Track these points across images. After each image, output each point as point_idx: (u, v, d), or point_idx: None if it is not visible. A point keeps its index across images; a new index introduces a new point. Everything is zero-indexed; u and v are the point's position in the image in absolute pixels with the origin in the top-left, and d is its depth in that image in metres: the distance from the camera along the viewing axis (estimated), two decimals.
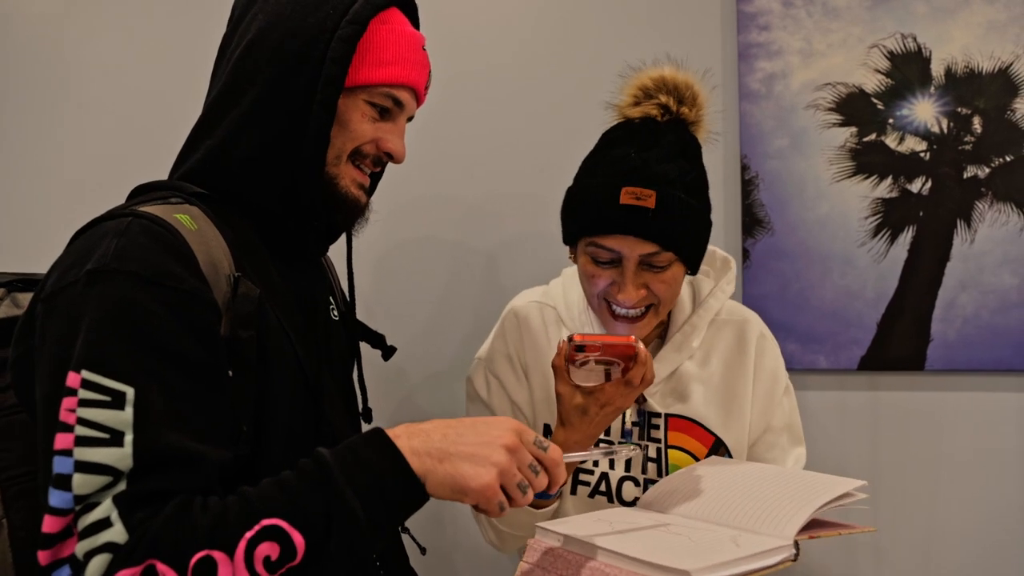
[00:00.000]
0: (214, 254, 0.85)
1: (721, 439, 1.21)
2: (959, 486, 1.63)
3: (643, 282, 1.12)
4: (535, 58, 1.71)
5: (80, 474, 0.72)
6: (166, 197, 0.90)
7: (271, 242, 0.96)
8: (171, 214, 0.85)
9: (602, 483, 1.21)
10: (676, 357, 1.23)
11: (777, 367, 1.28)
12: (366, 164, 0.99)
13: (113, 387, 0.74)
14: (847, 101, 1.65)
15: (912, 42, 1.64)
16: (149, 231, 0.81)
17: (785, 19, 1.66)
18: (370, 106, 0.96)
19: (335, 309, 1.09)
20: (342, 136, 0.95)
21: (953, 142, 1.62)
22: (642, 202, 1.08)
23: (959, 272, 1.62)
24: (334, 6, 0.93)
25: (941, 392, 1.64)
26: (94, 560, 0.71)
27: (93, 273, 0.77)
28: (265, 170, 0.93)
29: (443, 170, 1.72)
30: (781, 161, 1.66)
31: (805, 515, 0.91)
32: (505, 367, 1.29)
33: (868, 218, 1.64)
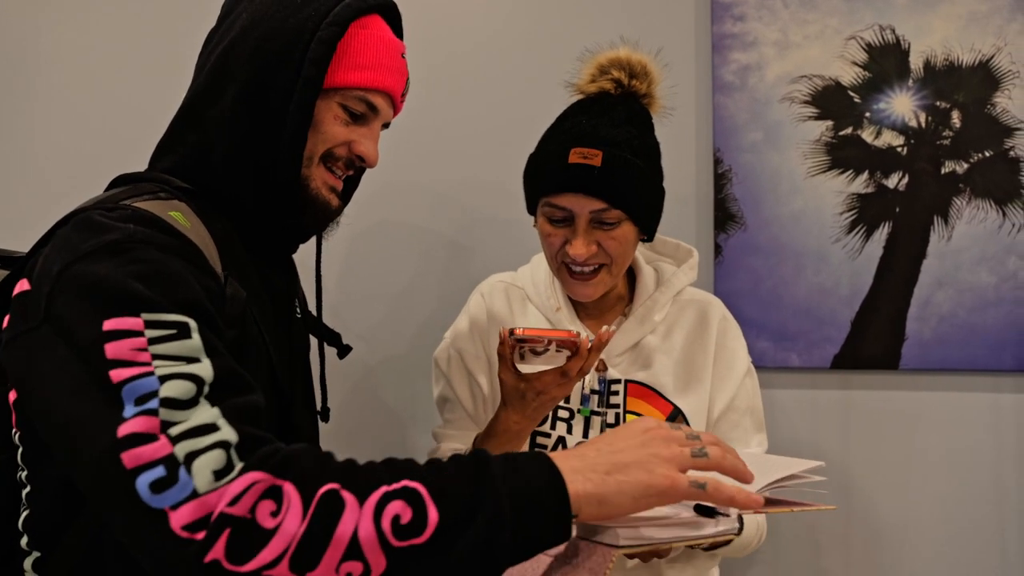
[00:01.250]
0: (209, 252, 0.86)
1: (679, 407, 1.25)
2: (932, 486, 1.60)
3: (594, 239, 1.18)
4: (505, 47, 1.68)
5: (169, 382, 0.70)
6: (155, 192, 0.89)
7: (249, 241, 0.96)
8: (165, 211, 0.85)
9: (559, 447, 1.24)
10: (639, 329, 1.28)
11: (738, 348, 1.32)
12: (338, 167, 0.99)
13: (176, 319, 0.74)
14: (823, 94, 1.61)
15: (890, 34, 1.60)
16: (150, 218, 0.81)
17: (761, 10, 1.62)
18: (343, 109, 0.96)
19: (297, 308, 1.10)
20: (314, 138, 0.95)
21: (931, 136, 1.59)
22: (588, 160, 1.15)
23: (935, 269, 1.59)
24: (316, 8, 0.93)
25: (915, 392, 1.61)
26: (203, 458, 0.67)
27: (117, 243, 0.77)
28: (244, 168, 0.93)
29: (409, 157, 1.69)
30: (755, 155, 1.63)
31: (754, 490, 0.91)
32: (467, 342, 1.33)
33: (843, 214, 1.61)
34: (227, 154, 0.93)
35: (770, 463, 1.01)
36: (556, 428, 1.25)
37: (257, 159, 0.92)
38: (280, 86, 0.91)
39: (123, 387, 0.70)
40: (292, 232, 1.01)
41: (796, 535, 1.63)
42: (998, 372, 1.57)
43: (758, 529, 1.24)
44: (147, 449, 0.67)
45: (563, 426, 1.25)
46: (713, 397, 1.28)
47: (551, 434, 1.25)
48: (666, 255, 1.38)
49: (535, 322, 1.30)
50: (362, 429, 1.72)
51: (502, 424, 1.14)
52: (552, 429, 1.25)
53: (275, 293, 1.00)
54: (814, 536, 1.63)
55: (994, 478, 1.58)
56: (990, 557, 1.59)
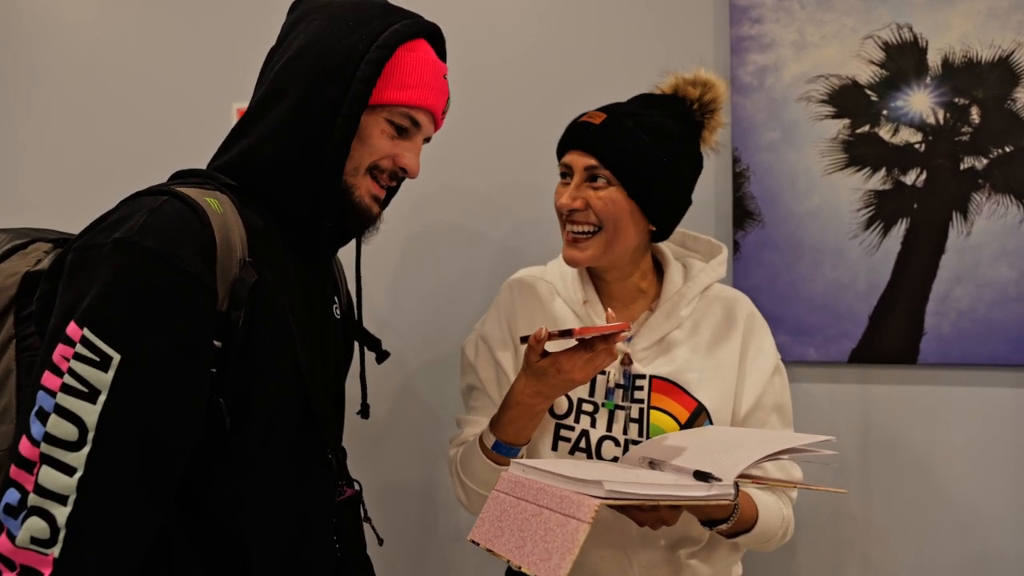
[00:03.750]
0: (231, 237, 0.95)
1: (703, 404, 1.25)
2: (952, 482, 1.61)
3: (582, 195, 1.24)
4: (535, 56, 1.76)
5: (56, 416, 0.84)
6: (201, 183, 1.01)
7: (287, 238, 1.05)
8: (202, 196, 0.95)
9: (582, 439, 1.25)
10: (665, 324, 1.29)
11: (766, 345, 1.32)
12: (383, 178, 1.08)
13: (104, 350, 0.85)
14: (840, 93, 1.64)
15: (908, 32, 1.62)
16: (178, 212, 0.92)
17: (778, 11, 1.66)
18: (389, 124, 1.05)
19: (337, 308, 1.18)
20: (362, 150, 1.04)
21: (950, 133, 1.60)
22: (591, 119, 1.24)
23: (954, 265, 1.60)
24: (368, 31, 1.03)
25: (934, 386, 1.62)
26: (32, 521, 0.83)
27: (119, 242, 0.88)
28: (289, 173, 1.02)
29: (456, 162, 1.78)
30: (772, 153, 1.66)
31: (749, 460, 0.97)
32: (495, 331, 1.36)
33: (860, 210, 1.63)
34: (273, 159, 1.02)
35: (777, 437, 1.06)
36: (580, 421, 1.26)
37: (303, 166, 1.01)
38: (330, 100, 1.00)
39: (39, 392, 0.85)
40: (332, 235, 1.09)
41: (814, 529, 1.66)
42: (1018, 367, 1.58)
43: (783, 522, 1.24)
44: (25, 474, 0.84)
45: (587, 419, 1.26)
46: (740, 394, 1.28)
47: (575, 427, 1.26)
48: (696, 251, 1.39)
49: (562, 315, 1.33)
50: (408, 429, 1.81)
51: (517, 396, 1.16)
52: (576, 422, 1.26)
53: (309, 287, 1.08)
54: (833, 531, 1.66)
55: (1015, 474, 1.59)
56: (1011, 553, 1.59)
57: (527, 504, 0.96)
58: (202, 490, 0.97)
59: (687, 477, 1.00)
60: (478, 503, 1.27)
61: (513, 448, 1.20)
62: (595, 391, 1.27)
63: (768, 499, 1.23)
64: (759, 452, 1.01)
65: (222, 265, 0.93)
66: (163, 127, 1.84)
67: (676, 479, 1.00)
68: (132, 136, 1.87)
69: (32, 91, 1.91)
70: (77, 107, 1.89)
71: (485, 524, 0.99)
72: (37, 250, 1.04)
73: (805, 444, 1.02)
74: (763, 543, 1.25)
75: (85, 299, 0.86)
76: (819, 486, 1.06)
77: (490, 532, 0.97)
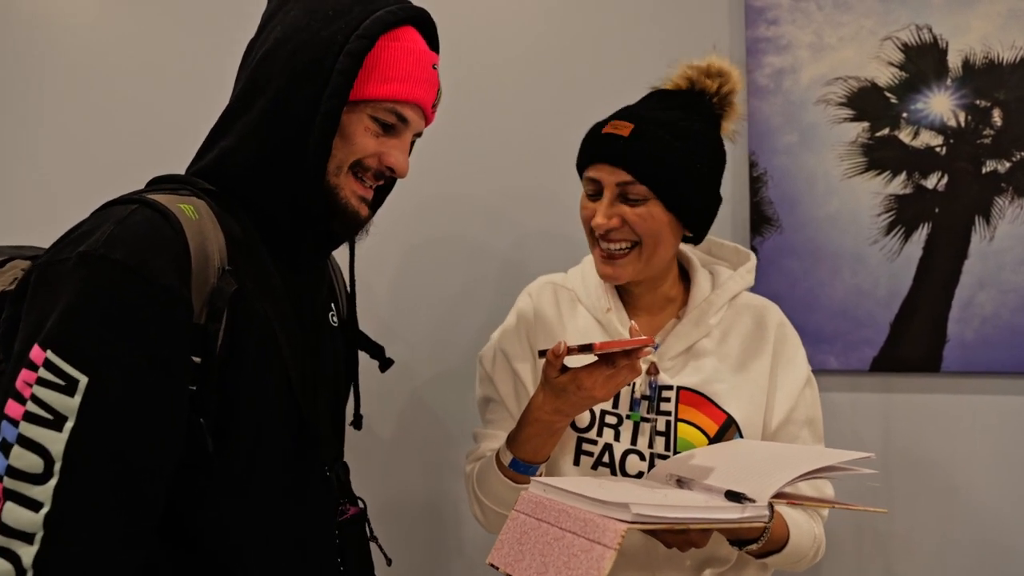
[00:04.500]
0: (208, 246, 0.89)
1: (733, 417, 1.19)
2: (976, 493, 1.57)
3: (618, 212, 1.18)
4: (547, 57, 1.72)
5: (19, 447, 0.77)
6: (176, 189, 0.95)
7: (271, 244, 0.98)
8: (175, 203, 0.89)
9: (605, 454, 1.20)
10: (693, 332, 1.24)
11: (798, 356, 1.27)
12: (368, 177, 1.01)
13: (70, 373, 0.78)
14: (859, 95, 1.61)
15: (927, 33, 1.59)
16: (148, 220, 0.86)
17: (794, 12, 1.63)
18: (374, 121, 0.98)
19: (335, 316, 1.12)
20: (344, 148, 0.97)
21: (971, 136, 1.57)
22: (617, 130, 1.17)
23: (978, 270, 1.56)
24: (347, 21, 0.95)
25: (958, 395, 1.58)
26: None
27: (83, 256, 0.82)
28: (268, 175, 0.96)
29: (458, 168, 1.74)
30: (790, 157, 1.63)
31: (785, 479, 0.92)
32: (513, 341, 1.31)
33: (881, 215, 1.60)
34: (251, 160, 0.96)
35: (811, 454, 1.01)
36: (603, 435, 1.21)
37: (282, 167, 0.95)
38: (308, 97, 0.93)
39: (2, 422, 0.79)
40: (318, 239, 1.02)
41: (837, 542, 1.62)
42: None
43: (814, 541, 1.19)
44: None
45: (610, 432, 1.20)
46: (770, 407, 1.22)
47: (598, 441, 1.21)
48: (723, 258, 1.35)
49: (584, 324, 1.28)
50: (412, 439, 1.76)
51: (535, 413, 1.11)
52: (599, 436, 1.21)
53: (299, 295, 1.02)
54: (856, 544, 1.62)
55: None
56: None
57: (549, 526, 0.92)
58: (187, 519, 0.90)
59: (718, 497, 0.95)
60: (496, 521, 1.22)
61: (531, 466, 1.15)
62: (619, 402, 1.22)
63: (799, 517, 1.18)
64: (794, 471, 0.95)
65: (198, 275, 0.87)
66: (164, 128, 1.79)
67: (706, 499, 0.95)
68: (133, 138, 1.82)
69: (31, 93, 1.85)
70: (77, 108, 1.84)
71: (504, 547, 0.94)
72: (14, 268, 0.97)
73: (843, 462, 0.97)
74: (793, 563, 1.19)
75: (49, 319, 0.79)
76: (858, 505, 0.99)
77: (510, 555, 0.93)
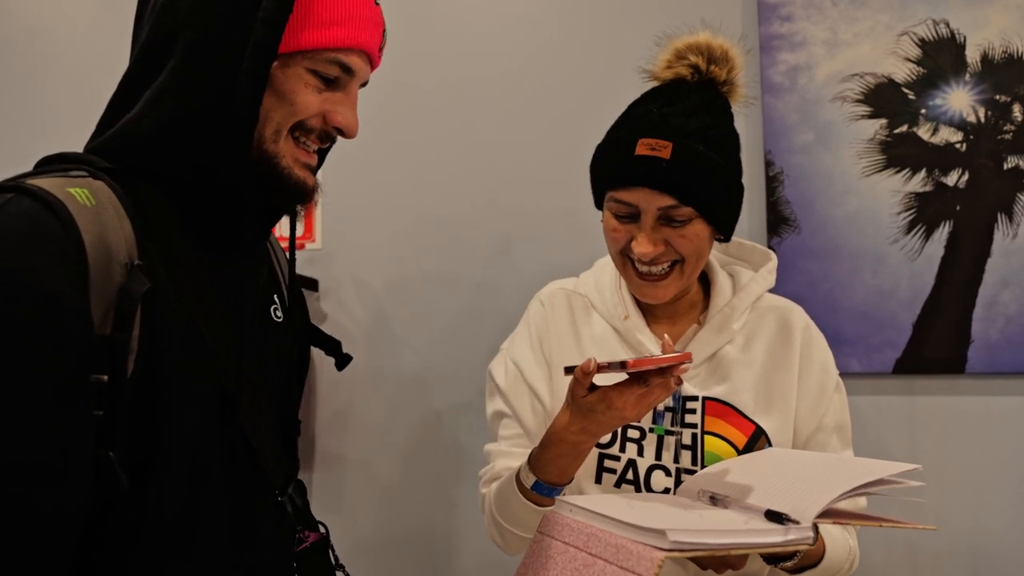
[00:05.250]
0: (110, 237, 0.74)
1: (761, 427, 1.14)
2: (1005, 496, 1.53)
3: (662, 237, 1.10)
4: (551, 54, 1.68)
5: None
6: (67, 170, 0.78)
7: (194, 228, 0.83)
8: (63, 188, 0.73)
9: (629, 471, 1.14)
10: (716, 339, 1.18)
11: (827, 360, 1.21)
12: (311, 140, 0.86)
13: None
14: (876, 92, 1.57)
15: (945, 28, 1.56)
16: (26, 212, 0.71)
17: (808, 9, 1.60)
18: (313, 75, 0.83)
19: (278, 309, 0.96)
20: (282, 110, 0.82)
21: (991, 131, 1.54)
22: (656, 152, 1.07)
23: (1001, 268, 1.53)
24: None
25: (984, 396, 1.54)
26: None
27: None
28: (184, 146, 0.79)
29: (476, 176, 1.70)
30: (807, 156, 1.59)
31: (829, 497, 0.86)
32: (526, 353, 1.23)
33: (901, 214, 1.56)
34: (161, 129, 0.79)
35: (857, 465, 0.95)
36: (626, 450, 1.15)
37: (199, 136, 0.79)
38: (226, 52, 0.77)
39: None
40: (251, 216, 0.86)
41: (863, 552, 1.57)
42: None
43: (849, 554, 1.13)
44: None
45: (633, 447, 1.14)
46: (801, 416, 1.17)
47: (620, 456, 1.14)
48: (741, 258, 1.30)
49: (600, 332, 1.22)
50: (413, 443, 1.72)
51: (560, 433, 1.04)
52: (622, 451, 1.14)
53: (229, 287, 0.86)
54: (885, 554, 1.57)
55: None
56: None
57: (577, 551, 0.86)
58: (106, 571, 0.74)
59: (758, 518, 0.89)
60: (516, 545, 1.16)
61: (555, 488, 1.08)
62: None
63: (833, 530, 1.13)
64: (839, 487, 0.88)
65: (97, 275, 0.71)
66: None
67: (746, 520, 0.89)
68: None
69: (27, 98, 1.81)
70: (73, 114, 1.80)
71: (528, 571, 0.89)
72: None
73: (890, 475, 0.91)
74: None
75: None
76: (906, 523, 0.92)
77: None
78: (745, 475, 1.00)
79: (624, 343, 1.21)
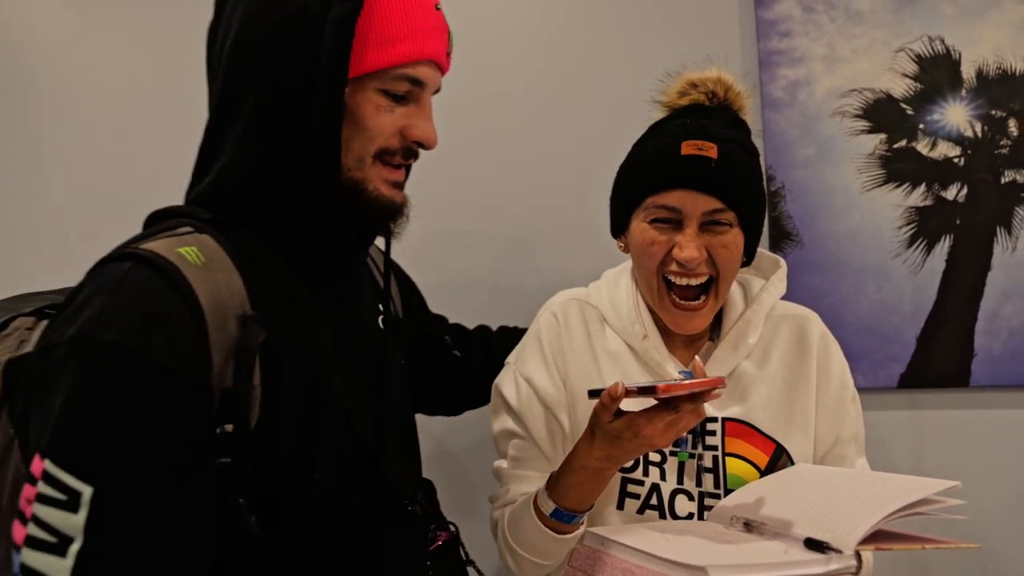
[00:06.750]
0: (222, 292, 0.76)
1: (783, 446, 1.11)
2: (1012, 511, 1.53)
3: (704, 243, 1.06)
4: (552, 70, 1.67)
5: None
6: (175, 227, 0.80)
7: (296, 264, 0.84)
8: (173, 249, 0.75)
9: (653, 496, 1.10)
10: (733, 356, 1.15)
11: (844, 371, 1.19)
12: (396, 159, 0.86)
13: (71, 484, 0.66)
14: (875, 107, 1.58)
15: (940, 44, 1.57)
16: (144, 284, 0.72)
17: (807, 25, 1.60)
18: (384, 95, 0.83)
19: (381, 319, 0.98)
20: (359, 137, 0.82)
21: (988, 146, 1.55)
22: (704, 152, 1.04)
23: (1002, 281, 1.54)
24: None
25: (989, 410, 1.54)
26: None
27: (74, 340, 0.69)
28: (278, 184, 0.81)
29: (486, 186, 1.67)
30: (808, 171, 1.59)
31: (868, 525, 0.83)
32: (539, 369, 1.18)
33: (902, 228, 1.57)
34: (251, 172, 0.81)
35: (894, 484, 0.91)
36: (649, 474, 1.11)
37: (290, 172, 0.80)
38: (298, 87, 0.77)
39: (12, 549, 0.68)
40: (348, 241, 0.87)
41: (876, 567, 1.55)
42: None
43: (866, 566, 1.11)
44: None
45: (656, 471, 1.11)
46: (820, 430, 1.15)
47: (644, 481, 1.11)
48: (750, 266, 1.25)
49: (616, 348, 1.17)
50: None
51: (582, 459, 1.00)
52: (645, 476, 1.11)
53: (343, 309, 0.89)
54: (889, 564, 1.56)
55: None
56: None
57: None
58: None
59: (797, 547, 0.85)
60: (531, 572, 1.12)
61: (576, 515, 1.04)
62: None
63: None
64: (880, 510, 0.84)
65: (215, 332, 0.73)
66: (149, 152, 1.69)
67: (785, 550, 0.85)
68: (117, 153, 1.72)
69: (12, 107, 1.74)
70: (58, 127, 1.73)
71: None
72: (18, 328, 0.82)
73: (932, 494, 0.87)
74: None
75: (48, 424, 0.67)
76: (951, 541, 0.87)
77: None
78: (778, 499, 0.97)
79: (640, 362, 1.17)
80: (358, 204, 0.84)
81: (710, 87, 1.14)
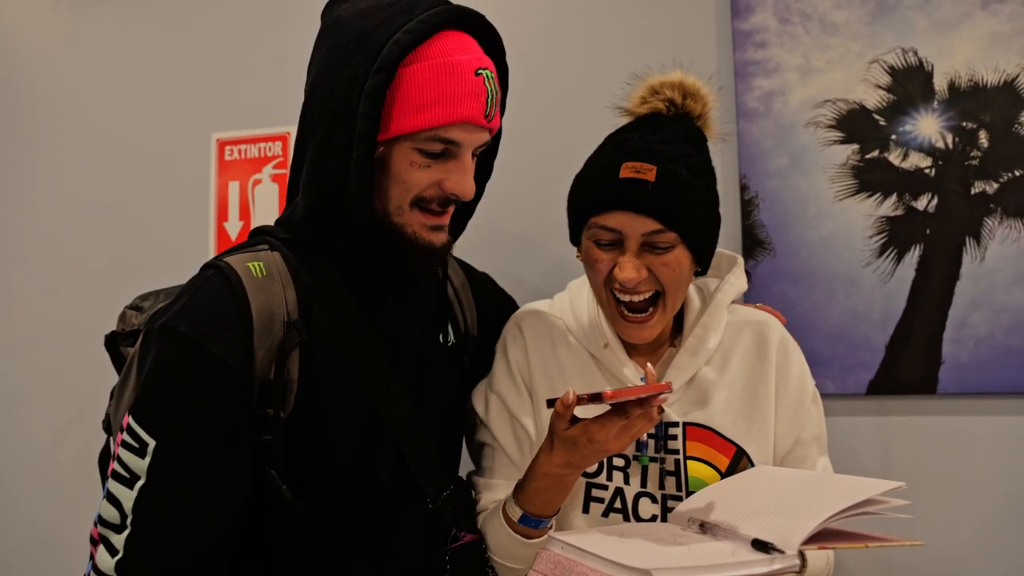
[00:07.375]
0: (272, 301, 0.94)
1: (743, 448, 1.14)
2: (977, 514, 1.56)
3: (644, 263, 1.09)
4: (527, 82, 1.69)
5: (106, 502, 0.88)
6: (256, 244, 1.00)
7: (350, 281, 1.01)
8: (244, 263, 0.94)
9: (617, 499, 1.14)
10: (693, 362, 1.17)
11: (803, 374, 1.22)
12: (434, 207, 0.99)
13: (142, 436, 0.88)
14: (848, 118, 1.61)
15: (913, 56, 1.60)
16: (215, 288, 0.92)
17: (782, 36, 1.63)
18: (420, 153, 0.94)
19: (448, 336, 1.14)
20: (397, 187, 0.95)
21: (959, 157, 1.58)
22: (641, 175, 1.06)
23: (970, 291, 1.56)
24: (365, 54, 0.90)
25: (955, 416, 1.57)
26: None
27: (162, 328, 0.91)
28: (324, 225, 0.98)
29: None
30: (782, 180, 1.62)
31: (812, 525, 0.86)
32: (506, 382, 1.22)
33: (873, 237, 1.59)
34: (308, 212, 0.99)
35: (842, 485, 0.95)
36: (613, 479, 1.15)
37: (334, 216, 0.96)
38: (341, 144, 0.92)
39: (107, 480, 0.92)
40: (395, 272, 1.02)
41: (841, 567, 1.59)
42: None
43: (827, 563, 1.13)
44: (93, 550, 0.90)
45: (619, 476, 1.14)
46: (779, 432, 1.17)
47: (608, 485, 1.14)
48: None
49: (580, 358, 1.21)
50: None
51: (544, 466, 1.04)
52: (609, 480, 1.15)
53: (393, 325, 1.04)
54: (859, 568, 1.59)
55: None
56: None
57: None
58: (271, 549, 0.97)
59: (744, 547, 0.89)
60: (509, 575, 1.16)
61: (542, 520, 1.08)
62: None
63: None
64: (824, 511, 0.88)
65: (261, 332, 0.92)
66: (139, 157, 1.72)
67: (732, 551, 0.89)
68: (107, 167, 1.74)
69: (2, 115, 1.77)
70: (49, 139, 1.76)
71: None
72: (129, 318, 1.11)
73: (877, 495, 0.91)
74: None
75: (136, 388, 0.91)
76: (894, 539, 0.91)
77: None
78: (732, 500, 1.00)
79: (603, 371, 1.20)
80: (401, 244, 0.98)
81: (668, 95, 1.16)
